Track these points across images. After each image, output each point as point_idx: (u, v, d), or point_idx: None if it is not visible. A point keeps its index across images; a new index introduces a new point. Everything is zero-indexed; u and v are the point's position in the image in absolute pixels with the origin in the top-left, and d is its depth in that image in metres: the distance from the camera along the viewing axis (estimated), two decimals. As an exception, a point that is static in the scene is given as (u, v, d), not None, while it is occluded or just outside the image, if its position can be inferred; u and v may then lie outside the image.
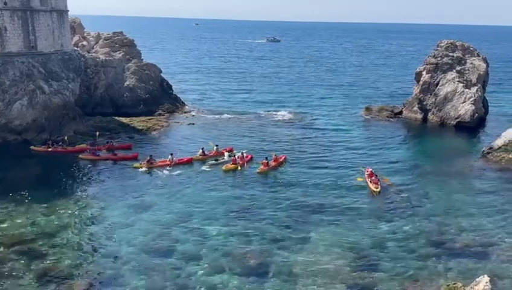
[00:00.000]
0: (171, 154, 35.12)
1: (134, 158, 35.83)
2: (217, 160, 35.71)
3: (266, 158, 34.91)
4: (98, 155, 36.30)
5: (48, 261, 21.24)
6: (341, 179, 32.63)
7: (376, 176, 32.29)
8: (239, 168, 34.31)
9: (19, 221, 24.99)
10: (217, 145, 37.74)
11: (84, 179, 32.61)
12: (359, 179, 32.51)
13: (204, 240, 23.54)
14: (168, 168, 33.86)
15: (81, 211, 26.84)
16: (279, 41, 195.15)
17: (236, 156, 35.32)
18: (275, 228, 25.00)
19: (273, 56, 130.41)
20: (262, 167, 34.03)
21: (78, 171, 34.02)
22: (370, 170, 33.20)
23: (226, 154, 36.50)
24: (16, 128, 38.69)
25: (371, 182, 31.73)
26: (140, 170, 33.57)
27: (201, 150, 36.77)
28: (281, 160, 35.69)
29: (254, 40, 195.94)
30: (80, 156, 36.18)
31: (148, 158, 34.35)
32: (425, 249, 23.11)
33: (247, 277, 20.47)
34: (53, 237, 23.37)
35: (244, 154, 35.98)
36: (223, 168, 34.04)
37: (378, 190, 30.82)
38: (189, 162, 35.43)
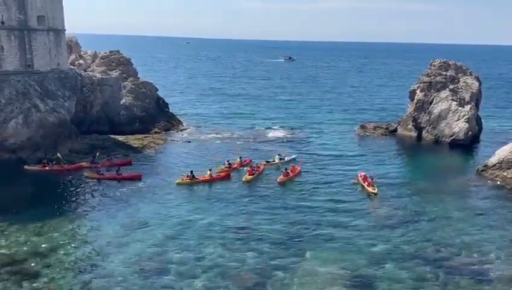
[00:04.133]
0: (210, 169, 35.87)
1: (138, 178, 35.43)
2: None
3: (286, 168, 36.62)
4: (102, 174, 36.03)
5: (40, 282, 20.93)
6: (336, 197, 32.56)
7: (372, 178, 32.59)
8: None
9: (11, 240, 24.71)
10: (240, 157, 39.73)
11: (78, 197, 32.38)
12: (355, 181, 33.83)
13: (200, 259, 23.33)
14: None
15: (74, 230, 26.59)
16: (294, 60, 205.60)
17: (252, 167, 37.27)
18: (271, 247, 24.82)
19: (270, 76, 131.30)
20: (282, 176, 35.58)
21: (72, 189, 33.79)
22: (363, 173, 33.62)
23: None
24: (11, 146, 38.51)
25: (367, 185, 31.94)
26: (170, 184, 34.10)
27: (226, 162, 38.34)
28: (297, 170, 37.26)
29: (274, 60, 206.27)
30: (85, 174, 36.01)
31: (189, 173, 34.78)
32: (422, 267, 22.99)
33: (242, 297, 20.25)
34: (45, 257, 23.09)
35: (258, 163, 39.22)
36: (243, 179, 35.28)
37: (376, 191, 31.00)
38: (227, 177, 36.03)
